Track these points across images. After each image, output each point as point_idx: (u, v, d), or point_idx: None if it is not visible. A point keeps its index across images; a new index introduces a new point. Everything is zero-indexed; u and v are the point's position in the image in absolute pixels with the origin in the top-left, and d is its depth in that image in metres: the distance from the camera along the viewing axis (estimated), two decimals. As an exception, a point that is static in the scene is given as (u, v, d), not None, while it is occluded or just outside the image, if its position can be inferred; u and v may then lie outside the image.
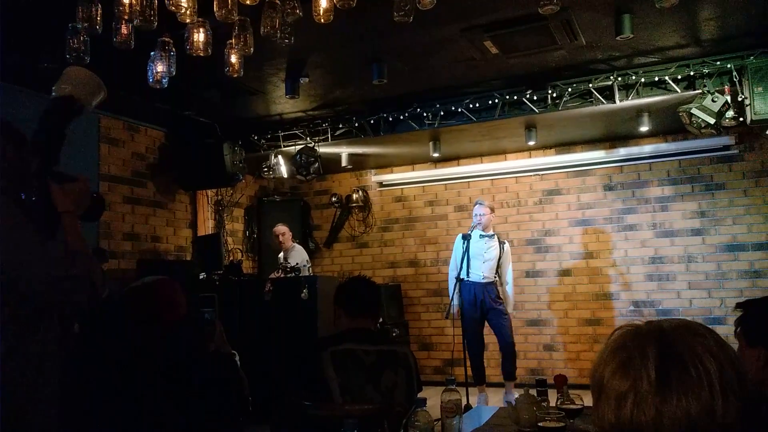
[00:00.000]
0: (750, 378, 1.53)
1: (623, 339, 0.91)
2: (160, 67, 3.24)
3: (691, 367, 0.83)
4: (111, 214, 5.39)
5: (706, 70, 4.62)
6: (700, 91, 4.64)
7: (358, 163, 6.84)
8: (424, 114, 5.47)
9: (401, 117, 5.56)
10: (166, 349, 1.98)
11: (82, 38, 2.86)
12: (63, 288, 1.44)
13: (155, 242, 5.83)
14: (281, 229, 6.14)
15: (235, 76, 3.33)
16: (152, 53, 3.21)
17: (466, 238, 5.27)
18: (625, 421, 0.85)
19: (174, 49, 3.21)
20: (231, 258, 6.30)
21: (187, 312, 2.12)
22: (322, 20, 2.82)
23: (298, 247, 6.18)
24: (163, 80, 3.26)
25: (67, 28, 2.83)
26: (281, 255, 6.12)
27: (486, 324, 5.40)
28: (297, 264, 5.68)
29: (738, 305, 1.59)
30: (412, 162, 7.01)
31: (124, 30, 2.85)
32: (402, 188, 7.16)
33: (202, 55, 3.04)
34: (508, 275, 5.47)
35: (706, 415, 0.81)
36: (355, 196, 7.22)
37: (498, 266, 5.41)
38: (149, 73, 3.25)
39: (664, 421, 0.82)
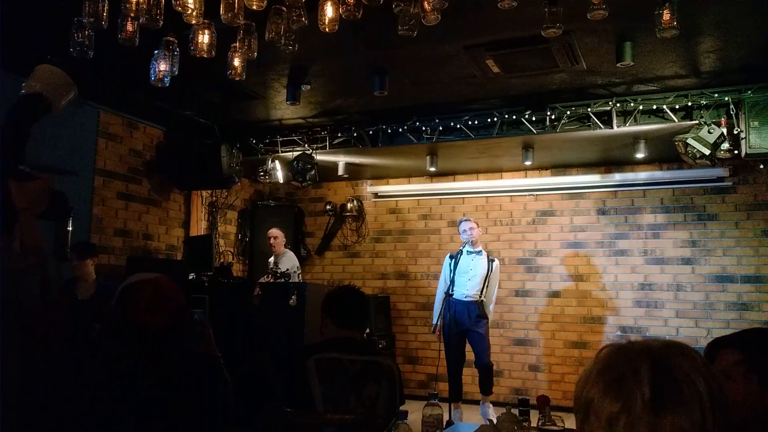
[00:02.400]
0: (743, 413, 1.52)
1: (612, 359, 0.90)
2: (162, 66, 3.25)
3: (683, 385, 0.84)
4: (104, 209, 5.37)
5: (703, 102, 4.67)
6: (696, 121, 4.69)
7: (355, 173, 6.85)
8: (423, 128, 5.50)
9: (400, 129, 5.59)
10: (157, 348, 1.96)
11: (87, 33, 2.87)
12: (16, 282, 1.44)
13: (147, 240, 5.81)
14: (275, 232, 6.13)
15: (237, 79, 3.34)
16: (156, 52, 3.22)
17: (454, 257, 5.33)
18: None
19: (178, 49, 3.22)
20: (222, 260, 6.28)
21: (186, 312, 2.09)
22: (327, 29, 2.84)
23: (290, 253, 6.17)
24: (165, 79, 3.28)
25: (72, 21, 2.85)
26: (272, 259, 6.11)
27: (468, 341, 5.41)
28: (287, 270, 5.66)
29: (734, 339, 1.55)
30: (409, 175, 7.03)
31: (129, 27, 2.86)
32: (397, 200, 7.17)
33: (205, 56, 3.06)
34: (492, 293, 5.49)
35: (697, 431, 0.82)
36: (349, 205, 7.22)
37: (485, 284, 5.40)
38: (151, 71, 3.26)
39: None
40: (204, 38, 3.04)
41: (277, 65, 4.49)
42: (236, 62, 3.31)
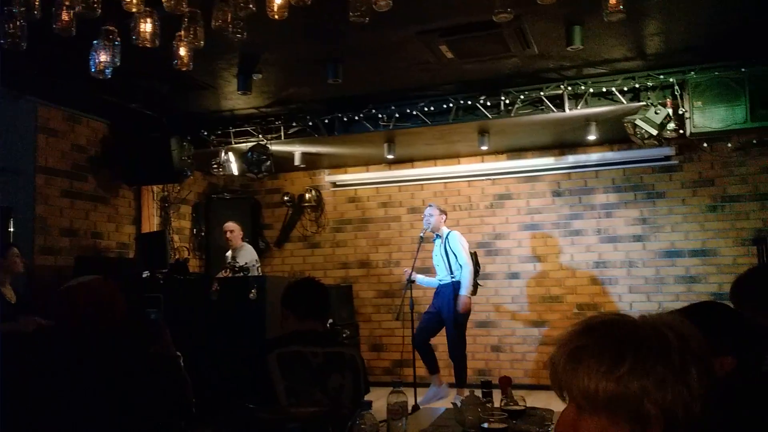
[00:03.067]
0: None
1: (669, 337, 0.84)
2: (103, 57, 3.09)
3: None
4: (48, 208, 5.13)
5: (650, 83, 4.79)
6: (644, 103, 4.81)
7: (312, 163, 6.77)
8: (379, 115, 5.46)
9: (356, 117, 5.53)
10: (103, 351, 1.90)
11: (18, 23, 2.70)
12: None
13: (96, 238, 5.60)
14: (230, 226, 6.01)
15: (184, 69, 3.22)
16: (95, 42, 3.07)
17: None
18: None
19: (119, 39, 3.08)
20: (177, 256, 6.12)
21: (127, 313, 2.03)
22: (276, 16, 2.76)
23: (248, 247, 6.06)
24: (107, 70, 3.12)
25: (1, 11, 2.68)
26: (229, 253, 5.99)
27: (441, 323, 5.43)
28: (246, 263, 5.56)
29: (684, 312, 1.60)
30: (367, 163, 6.99)
31: (64, 16, 2.70)
32: (356, 189, 7.13)
33: (149, 46, 2.92)
34: (460, 258, 5.32)
35: None
36: (307, 195, 7.14)
37: (448, 262, 5.39)
38: (91, 63, 3.10)
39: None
40: (146, 27, 2.90)
41: (226, 54, 4.36)
42: (182, 52, 3.18)
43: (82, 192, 5.49)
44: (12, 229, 4.74)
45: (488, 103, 5.16)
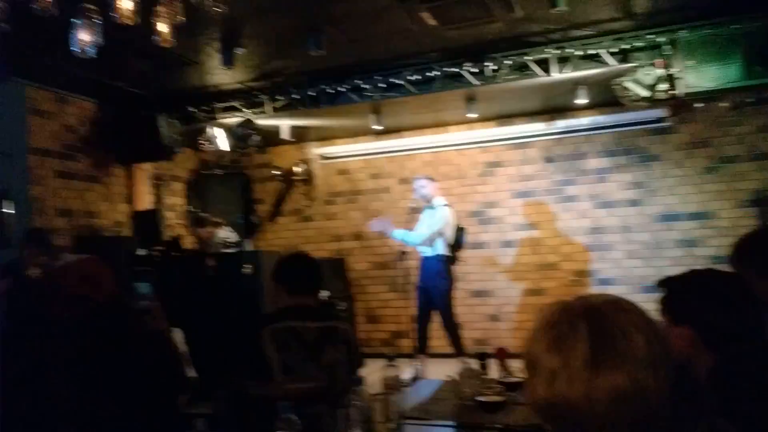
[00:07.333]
0: (676, 355, 1.58)
1: (554, 316, 0.92)
2: (84, 36, 3.07)
3: (618, 342, 0.86)
4: (42, 189, 5.15)
5: (639, 44, 4.69)
6: (633, 64, 4.73)
7: (300, 136, 6.72)
8: (365, 86, 5.37)
9: (341, 89, 5.44)
10: (92, 329, 1.91)
11: (1, 4, 2.67)
12: None
13: (91, 218, 5.62)
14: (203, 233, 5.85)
15: (166, 45, 3.19)
16: (74, 21, 3.03)
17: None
18: (557, 396, 0.87)
19: (100, 17, 3.04)
20: (171, 233, 6.12)
21: (116, 291, 2.05)
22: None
23: (219, 232, 5.83)
24: (88, 49, 3.10)
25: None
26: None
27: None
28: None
29: (659, 283, 1.58)
30: (355, 135, 6.93)
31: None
32: (345, 161, 7.09)
33: (129, 23, 2.90)
34: (431, 227, 5.31)
35: (634, 387, 0.84)
36: (297, 169, 7.11)
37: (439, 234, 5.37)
38: (72, 42, 3.08)
39: (594, 396, 0.85)
40: (125, 4, 2.88)
41: (207, 29, 4.29)
42: (163, 28, 3.15)
43: (75, 172, 5.49)
44: (13, 211, 4.70)
45: (473, 70, 5.07)
